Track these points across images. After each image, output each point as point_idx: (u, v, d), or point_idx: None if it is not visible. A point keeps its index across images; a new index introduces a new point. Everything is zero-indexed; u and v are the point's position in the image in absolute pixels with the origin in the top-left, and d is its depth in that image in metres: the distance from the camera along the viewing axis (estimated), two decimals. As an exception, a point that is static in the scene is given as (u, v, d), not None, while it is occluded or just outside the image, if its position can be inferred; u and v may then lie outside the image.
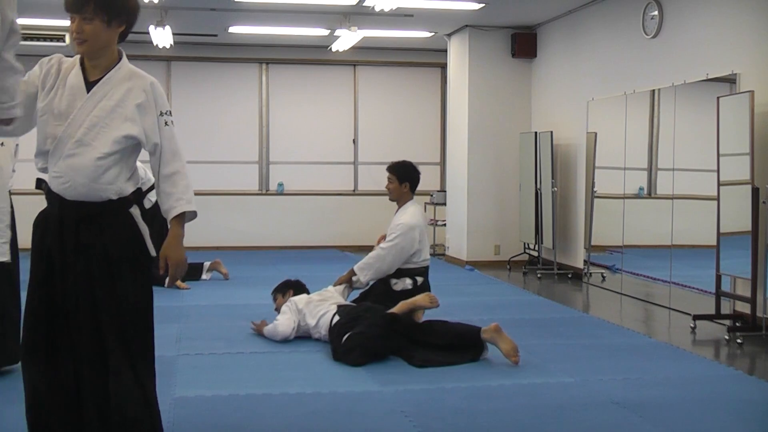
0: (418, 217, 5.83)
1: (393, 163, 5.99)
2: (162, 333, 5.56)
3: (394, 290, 5.69)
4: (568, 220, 8.89)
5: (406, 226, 5.68)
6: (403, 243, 5.65)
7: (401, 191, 5.86)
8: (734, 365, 4.90)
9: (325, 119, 11.57)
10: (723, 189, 6.01)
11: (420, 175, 6.02)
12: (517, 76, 9.81)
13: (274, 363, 4.81)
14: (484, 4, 8.45)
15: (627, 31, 7.69)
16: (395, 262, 5.66)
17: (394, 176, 5.87)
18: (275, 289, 5.76)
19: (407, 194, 5.88)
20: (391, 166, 5.95)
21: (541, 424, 3.76)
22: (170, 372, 4.55)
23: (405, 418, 3.78)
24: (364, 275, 5.67)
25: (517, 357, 4.71)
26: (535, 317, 6.42)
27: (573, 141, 8.78)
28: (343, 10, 8.66)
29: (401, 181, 5.85)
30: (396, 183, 5.86)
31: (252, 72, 11.40)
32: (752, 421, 3.91)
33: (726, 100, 6.05)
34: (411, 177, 5.90)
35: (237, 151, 11.33)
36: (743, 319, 5.94)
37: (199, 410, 3.89)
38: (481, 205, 9.76)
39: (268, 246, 11.22)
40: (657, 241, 7.33)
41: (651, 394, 4.19)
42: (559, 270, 8.84)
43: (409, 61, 11.65)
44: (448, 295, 7.36)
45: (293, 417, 3.80)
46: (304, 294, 5.58)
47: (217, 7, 8.65)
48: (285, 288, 5.71)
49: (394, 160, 6.15)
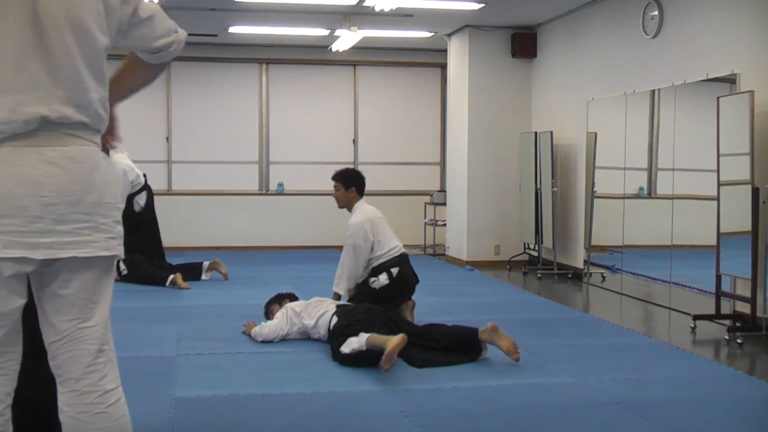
0: (365, 213, 5.94)
1: (336, 173, 6.11)
2: (162, 333, 5.60)
3: (375, 288, 5.78)
4: (568, 220, 8.89)
5: (354, 225, 5.84)
6: (355, 241, 5.79)
7: (349, 197, 6.00)
8: (734, 365, 4.90)
9: (325, 119, 11.57)
10: (723, 189, 6.01)
11: (364, 180, 6.11)
12: (517, 76, 9.81)
13: (274, 363, 4.81)
14: (484, 4, 8.45)
15: (627, 31, 7.69)
16: (359, 261, 5.80)
17: (339, 184, 6.01)
18: (269, 302, 5.76)
19: (355, 198, 6.01)
20: (336, 175, 6.09)
21: (541, 424, 3.76)
22: (170, 372, 4.55)
23: (405, 418, 3.78)
24: (341, 288, 5.80)
25: (518, 354, 4.72)
26: (535, 317, 6.42)
27: (573, 141, 8.78)
28: (343, 10, 8.66)
29: (347, 187, 5.97)
30: (342, 190, 5.98)
31: (252, 72, 11.40)
32: (752, 421, 3.91)
33: (726, 100, 6.05)
34: (356, 182, 6.03)
35: (237, 151, 11.32)
36: (743, 319, 5.94)
37: (199, 410, 3.89)
38: (481, 205, 9.76)
39: (268, 246, 11.22)
40: (657, 241, 7.33)
41: (651, 394, 4.19)
42: (559, 270, 8.84)
43: (409, 61, 11.65)
44: (448, 295, 7.38)
45: (293, 417, 3.80)
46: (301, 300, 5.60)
47: (217, 7, 8.65)
48: (280, 298, 5.72)
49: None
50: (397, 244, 5.96)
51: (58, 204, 2.06)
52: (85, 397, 2.15)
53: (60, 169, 2.07)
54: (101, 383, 2.17)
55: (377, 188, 11.45)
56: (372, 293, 5.74)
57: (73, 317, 2.15)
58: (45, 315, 2.17)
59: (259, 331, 5.32)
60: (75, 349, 2.15)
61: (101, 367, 2.18)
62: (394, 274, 5.83)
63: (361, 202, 6.04)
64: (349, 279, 5.79)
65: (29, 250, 2.04)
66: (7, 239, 2.02)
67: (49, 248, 2.06)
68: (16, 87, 2.03)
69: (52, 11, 2.05)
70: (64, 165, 2.07)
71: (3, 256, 2.03)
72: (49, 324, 2.16)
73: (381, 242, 5.86)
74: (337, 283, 5.82)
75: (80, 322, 2.15)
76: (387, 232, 5.94)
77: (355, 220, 5.87)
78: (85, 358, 2.16)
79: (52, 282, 2.13)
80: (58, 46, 2.06)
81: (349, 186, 6.00)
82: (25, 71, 2.04)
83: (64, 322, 2.15)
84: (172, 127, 11.09)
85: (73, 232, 2.08)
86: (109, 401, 2.18)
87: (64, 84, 2.08)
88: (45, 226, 2.05)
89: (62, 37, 2.06)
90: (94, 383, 2.16)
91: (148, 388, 4.20)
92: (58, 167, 2.06)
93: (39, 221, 2.04)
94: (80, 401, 2.15)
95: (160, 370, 4.59)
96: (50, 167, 2.05)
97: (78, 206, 2.09)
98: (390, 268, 5.83)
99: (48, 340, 2.18)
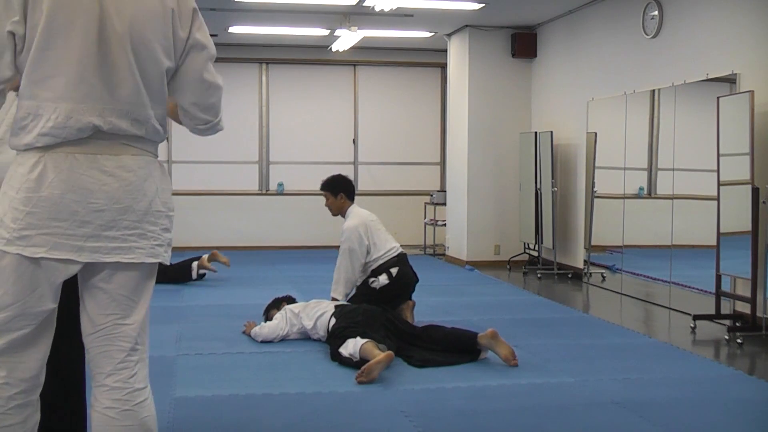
0: (359, 217, 5.93)
1: (322, 182, 6.10)
2: (162, 333, 5.60)
3: (375, 289, 5.78)
4: (568, 220, 8.89)
5: (348, 229, 5.82)
6: (350, 245, 5.78)
7: (339, 203, 5.99)
8: (734, 365, 4.90)
9: (325, 119, 11.57)
10: (723, 189, 6.01)
11: (351, 183, 6.09)
12: (517, 76, 9.81)
13: (274, 363, 4.81)
14: (484, 4, 8.45)
15: (627, 31, 7.69)
16: (355, 265, 5.78)
17: (327, 192, 6.01)
18: (268, 307, 5.75)
19: (346, 203, 5.99)
20: (322, 185, 6.09)
21: (541, 424, 3.76)
22: (170, 372, 4.55)
23: (405, 418, 3.78)
24: (339, 293, 5.78)
25: (515, 361, 4.72)
26: (535, 317, 6.42)
27: (573, 141, 8.78)
28: (343, 10, 8.66)
29: (335, 194, 5.95)
30: (332, 198, 5.98)
31: (252, 72, 11.40)
32: (752, 421, 3.91)
33: (726, 100, 6.05)
34: (343, 187, 6.02)
35: (237, 151, 11.32)
36: (743, 319, 5.94)
37: (199, 410, 3.89)
38: (481, 205, 9.76)
39: (268, 246, 11.23)
40: (657, 241, 7.33)
41: (651, 394, 4.19)
42: (559, 270, 8.84)
43: (409, 61, 11.65)
44: (448, 295, 7.38)
45: (293, 417, 3.80)
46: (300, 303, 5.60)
47: (217, 7, 8.65)
48: (278, 302, 5.72)
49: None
50: (394, 245, 5.96)
51: (106, 210, 2.13)
52: (114, 393, 2.20)
53: (111, 177, 2.14)
54: (131, 381, 2.22)
55: (377, 188, 11.48)
56: (372, 294, 5.74)
57: (111, 312, 2.21)
58: (85, 308, 2.24)
59: (258, 331, 5.32)
60: (109, 344, 2.22)
61: (132, 365, 2.23)
62: (394, 274, 5.83)
63: (354, 206, 6.03)
64: (346, 284, 5.79)
65: (75, 252, 2.12)
66: (55, 241, 2.09)
67: (95, 252, 2.14)
68: (75, 96, 2.10)
69: (119, 29, 2.13)
70: (115, 173, 2.15)
71: (49, 256, 2.10)
72: (88, 317, 2.23)
73: (377, 245, 5.86)
74: (335, 289, 5.80)
75: (118, 318, 2.22)
76: (382, 235, 5.94)
77: (349, 225, 5.85)
78: (118, 355, 2.22)
79: (95, 276, 2.19)
80: (121, 63, 2.14)
81: (336, 193, 5.99)
82: (86, 83, 2.11)
83: (102, 316, 2.21)
84: (172, 127, 11.06)
85: (119, 237, 2.16)
86: (137, 400, 2.23)
87: (122, 99, 2.16)
88: (92, 231, 2.12)
89: (126, 56, 2.14)
90: (124, 380, 2.21)
91: (148, 388, 4.20)
92: (109, 175, 2.14)
93: (86, 226, 2.11)
94: (109, 396, 2.20)
95: (160, 370, 4.58)
96: (101, 175, 2.13)
97: (127, 213, 2.16)
98: (389, 269, 5.83)
99: (85, 333, 2.24)
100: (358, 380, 4.32)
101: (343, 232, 5.85)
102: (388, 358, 4.43)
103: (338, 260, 5.82)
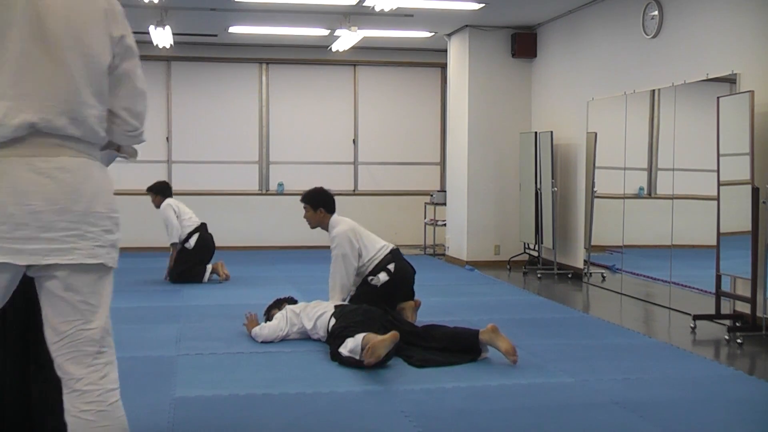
0: (345, 223, 5.93)
1: (303, 195, 6.09)
2: (162, 333, 5.60)
3: (376, 286, 5.78)
4: (568, 220, 8.89)
5: (338, 235, 5.80)
6: (342, 251, 5.75)
7: (318, 217, 5.97)
8: (734, 365, 4.90)
9: (325, 119, 11.58)
10: (723, 189, 6.01)
11: (332, 197, 6.06)
12: (517, 76, 9.81)
13: (274, 363, 4.81)
14: (484, 4, 8.45)
15: (627, 31, 7.69)
16: (349, 270, 5.76)
17: (308, 205, 5.99)
18: (269, 307, 5.74)
19: (325, 217, 5.96)
20: (302, 197, 6.06)
21: (541, 424, 3.76)
22: (170, 372, 4.55)
23: (405, 418, 3.78)
24: (337, 298, 5.72)
25: (516, 356, 4.72)
26: (535, 317, 6.42)
27: (573, 141, 8.78)
28: (343, 10, 8.66)
29: (315, 208, 5.94)
30: (311, 211, 5.96)
31: (252, 72, 11.40)
32: (752, 421, 3.91)
33: (726, 100, 6.05)
34: (323, 202, 5.98)
35: (237, 151, 11.33)
36: (743, 319, 5.94)
37: (199, 410, 3.89)
38: (481, 205, 9.76)
39: (268, 246, 11.22)
40: (657, 241, 7.33)
41: (651, 394, 4.19)
42: (559, 270, 8.84)
43: (409, 61, 11.65)
44: (448, 295, 7.38)
45: (293, 417, 3.80)
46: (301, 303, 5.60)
47: (217, 7, 8.65)
48: (278, 303, 5.71)
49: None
50: (383, 243, 5.96)
51: (44, 212, 2.11)
52: (87, 396, 2.19)
53: (48, 178, 2.12)
54: (102, 382, 2.22)
55: (377, 188, 11.48)
56: (375, 292, 5.72)
57: (73, 319, 2.20)
58: (46, 317, 2.22)
59: (259, 331, 5.32)
60: (75, 350, 2.20)
61: (101, 367, 2.23)
62: (392, 270, 5.83)
63: (336, 216, 6.02)
64: (342, 289, 5.76)
65: (13, 255, 2.11)
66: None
67: (33, 254, 2.12)
68: (11, 94, 2.10)
69: (57, 28, 2.13)
70: (52, 174, 2.13)
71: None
72: (50, 326, 2.21)
73: (366, 247, 5.86)
74: (332, 296, 5.76)
75: (81, 324, 2.20)
76: (370, 236, 5.96)
77: (338, 231, 5.83)
78: (86, 359, 2.21)
79: (50, 284, 2.18)
80: (59, 61, 2.14)
81: (317, 207, 5.96)
82: (23, 81, 2.11)
83: (64, 323, 2.19)
84: (172, 127, 11.09)
85: (58, 239, 2.14)
86: (111, 400, 2.22)
87: (60, 97, 2.15)
88: (30, 233, 2.10)
89: (63, 54, 2.15)
90: (95, 382, 2.21)
91: (148, 388, 4.20)
92: (46, 176, 2.12)
93: (24, 228, 2.10)
94: (83, 400, 2.19)
95: (160, 370, 4.59)
96: (38, 177, 2.11)
97: (65, 214, 2.14)
98: (386, 266, 5.83)
99: (50, 342, 2.22)
100: (365, 362, 4.34)
101: (333, 239, 5.82)
102: (393, 337, 4.44)
103: (332, 267, 5.79)
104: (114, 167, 2.62)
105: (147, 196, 8.31)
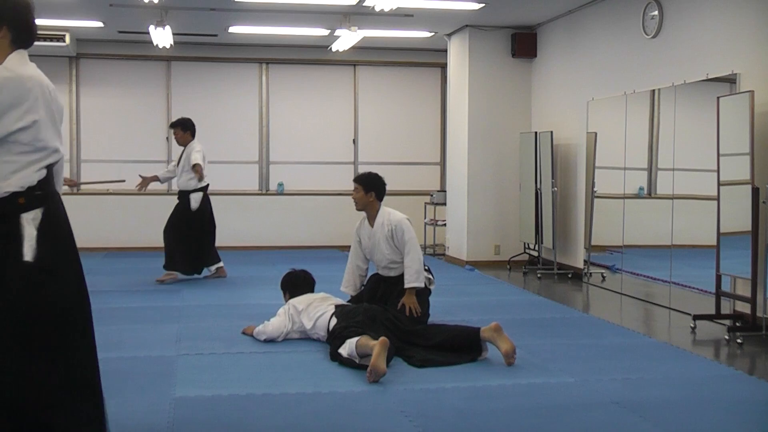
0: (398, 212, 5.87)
1: (359, 174, 5.98)
2: (162, 333, 5.60)
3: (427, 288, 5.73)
4: (568, 220, 8.89)
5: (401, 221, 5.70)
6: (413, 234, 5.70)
7: (367, 200, 5.82)
8: (734, 365, 4.90)
9: (325, 119, 11.58)
10: (723, 189, 6.01)
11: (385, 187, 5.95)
12: (517, 76, 9.81)
13: (274, 363, 4.81)
14: (484, 4, 8.45)
15: (627, 31, 7.69)
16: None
17: (359, 186, 5.82)
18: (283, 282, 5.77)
19: (374, 202, 5.83)
20: (357, 177, 5.92)
21: (541, 424, 3.76)
22: (170, 372, 4.55)
23: (405, 418, 3.78)
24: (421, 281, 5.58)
25: (513, 359, 4.72)
26: (535, 317, 6.42)
27: (573, 141, 8.78)
28: (343, 10, 8.66)
29: (367, 191, 5.80)
30: (362, 192, 5.79)
31: (252, 72, 11.40)
32: (752, 421, 3.91)
33: (726, 100, 6.05)
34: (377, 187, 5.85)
35: (237, 151, 11.33)
36: (743, 319, 5.94)
37: (199, 410, 3.89)
38: (481, 205, 9.76)
39: (268, 246, 11.22)
40: (657, 241, 7.33)
41: (651, 394, 4.19)
42: (559, 270, 8.84)
43: (409, 61, 11.65)
44: (448, 295, 7.37)
45: (293, 417, 3.80)
46: (307, 294, 5.58)
47: (217, 7, 8.65)
48: (285, 287, 5.71)
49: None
50: None
51: None
52: None
53: None
54: None
55: (377, 188, 11.47)
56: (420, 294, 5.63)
57: None
58: None
59: (262, 329, 5.31)
60: None
61: None
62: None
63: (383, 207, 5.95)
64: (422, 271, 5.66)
65: None
66: None
67: None
68: None
69: None
70: None
71: None
72: None
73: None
74: (418, 278, 5.60)
75: None
76: None
77: (400, 217, 5.73)
78: None
79: None
80: None
81: (368, 190, 5.87)
82: None
83: None
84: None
85: None
86: None
87: None
88: None
89: None
90: None
91: (148, 388, 4.20)
92: None
93: None
94: None
95: (160, 370, 4.59)
96: None
97: None
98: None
99: None
100: (370, 381, 4.33)
101: (396, 225, 5.68)
102: (383, 345, 4.42)
103: (411, 250, 5.62)
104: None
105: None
